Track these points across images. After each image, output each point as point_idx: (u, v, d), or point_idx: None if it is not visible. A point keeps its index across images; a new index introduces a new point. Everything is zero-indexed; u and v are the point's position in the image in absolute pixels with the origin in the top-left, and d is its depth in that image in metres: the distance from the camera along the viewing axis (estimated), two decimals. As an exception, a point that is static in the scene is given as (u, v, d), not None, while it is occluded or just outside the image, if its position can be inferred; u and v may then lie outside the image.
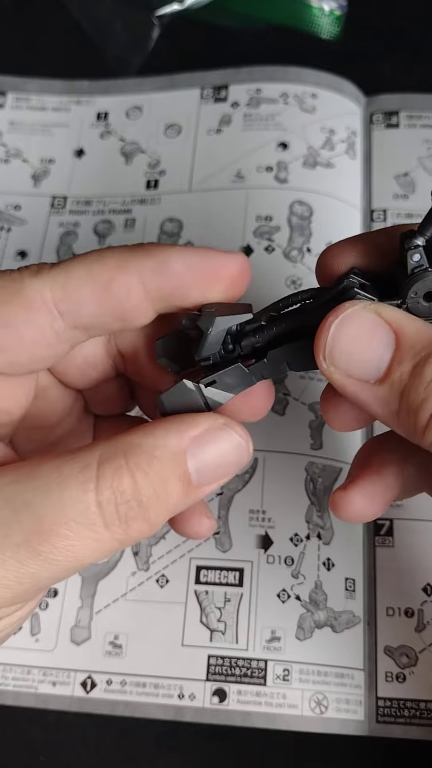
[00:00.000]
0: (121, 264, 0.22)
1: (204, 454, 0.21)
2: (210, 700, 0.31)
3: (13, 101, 0.45)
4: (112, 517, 0.20)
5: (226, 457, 0.21)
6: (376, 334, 0.20)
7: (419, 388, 0.20)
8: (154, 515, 0.20)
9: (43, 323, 0.22)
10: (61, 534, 0.19)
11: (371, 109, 0.43)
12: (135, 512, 0.20)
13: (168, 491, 0.20)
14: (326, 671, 0.31)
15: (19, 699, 0.32)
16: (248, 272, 0.23)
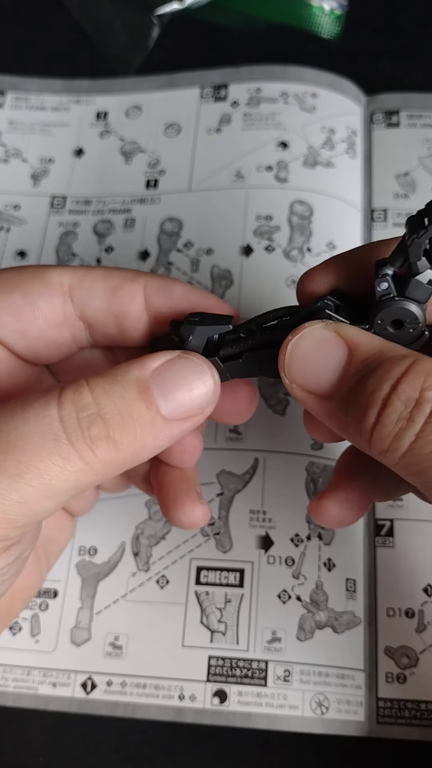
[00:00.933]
0: (133, 276, 0.25)
1: (169, 384, 0.22)
2: (210, 701, 0.31)
3: (13, 101, 0.45)
4: (74, 429, 0.20)
5: (191, 385, 0.22)
6: (330, 350, 0.21)
7: (361, 399, 0.20)
8: (118, 434, 0.20)
9: (56, 302, 0.25)
10: (26, 449, 0.19)
11: (371, 109, 0.43)
12: (98, 428, 0.20)
13: (133, 413, 0.21)
14: (327, 672, 0.31)
15: (20, 700, 0.32)
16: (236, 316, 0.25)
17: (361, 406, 0.20)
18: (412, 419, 0.19)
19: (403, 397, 0.19)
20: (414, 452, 0.19)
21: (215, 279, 0.39)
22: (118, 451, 0.21)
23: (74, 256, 0.40)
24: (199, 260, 0.39)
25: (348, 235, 0.39)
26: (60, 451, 0.20)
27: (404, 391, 0.19)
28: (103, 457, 0.20)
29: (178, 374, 0.22)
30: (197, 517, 0.27)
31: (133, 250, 0.40)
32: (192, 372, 0.22)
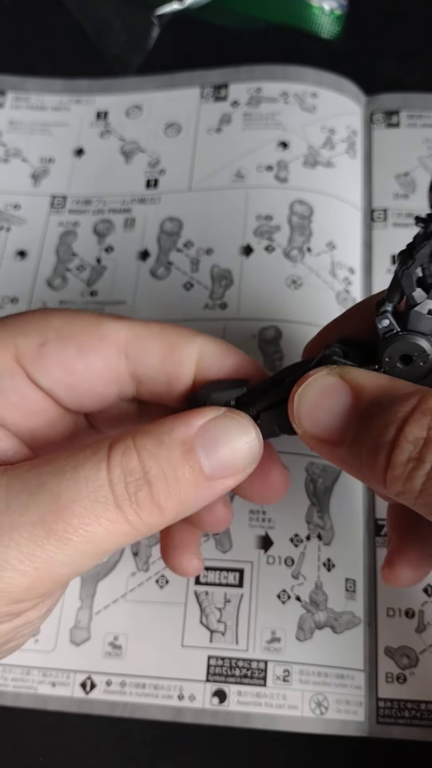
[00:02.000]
0: (190, 337, 0.25)
1: (212, 442, 0.22)
2: (210, 701, 0.31)
3: (13, 100, 0.45)
4: (122, 494, 0.20)
5: (235, 444, 0.22)
6: (334, 395, 0.21)
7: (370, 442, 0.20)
8: (163, 498, 0.21)
9: (110, 358, 0.24)
10: (76, 511, 0.20)
11: (372, 109, 0.43)
12: (144, 492, 0.20)
13: (177, 476, 0.21)
14: (326, 672, 0.31)
15: (19, 700, 0.32)
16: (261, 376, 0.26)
17: (372, 449, 0.20)
18: (422, 459, 0.19)
19: (411, 438, 0.19)
20: (428, 491, 0.19)
21: (215, 279, 0.39)
22: (162, 515, 0.21)
23: (74, 255, 0.40)
24: (199, 260, 0.39)
25: (348, 235, 0.39)
26: (109, 515, 0.20)
27: (411, 432, 0.19)
28: (148, 521, 0.21)
29: (223, 433, 0.22)
30: (194, 568, 0.28)
31: (133, 250, 0.40)
32: (236, 430, 0.22)
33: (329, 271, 0.38)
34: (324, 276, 0.38)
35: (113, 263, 0.40)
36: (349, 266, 0.38)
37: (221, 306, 0.38)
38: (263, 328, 0.37)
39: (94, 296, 0.39)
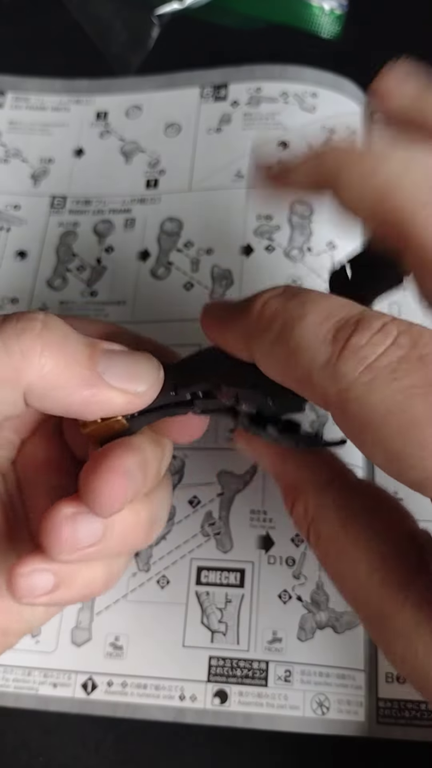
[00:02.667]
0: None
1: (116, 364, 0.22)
2: (211, 701, 0.31)
3: (12, 101, 0.45)
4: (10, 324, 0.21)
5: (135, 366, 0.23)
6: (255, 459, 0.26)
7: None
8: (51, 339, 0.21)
9: None
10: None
11: (372, 108, 0.43)
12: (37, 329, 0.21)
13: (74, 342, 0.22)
14: (328, 672, 0.31)
15: (20, 701, 0.32)
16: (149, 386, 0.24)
17: None
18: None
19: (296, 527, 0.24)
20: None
21: (215, 279, 0.39)
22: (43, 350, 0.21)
23: (74, 256, 0.40)
24: (200, 260, 0.39)
25: (348, 234, 0.39)
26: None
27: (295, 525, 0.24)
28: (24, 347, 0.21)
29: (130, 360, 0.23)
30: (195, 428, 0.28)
31: (134, 250, 0.40)
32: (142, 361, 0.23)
33: (329, 271, 0.38)
34: (324, 276, 0.38)
35: (113, 263, 0.40)
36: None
37: (221, 306, 0.38)
38: (264, 329, 0.37)
39: (94, 296, 0.39)
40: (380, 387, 0.17)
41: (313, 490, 0.22)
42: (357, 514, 0.22)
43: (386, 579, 0.21)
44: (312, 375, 0.18)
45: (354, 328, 0.18)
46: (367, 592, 0.21)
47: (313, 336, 0.18)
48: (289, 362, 0.19)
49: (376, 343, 0.18)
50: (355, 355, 0.18)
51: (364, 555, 0.21)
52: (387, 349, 0.18)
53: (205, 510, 0.34)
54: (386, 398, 0.17)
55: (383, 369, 0.17)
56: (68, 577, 0.23)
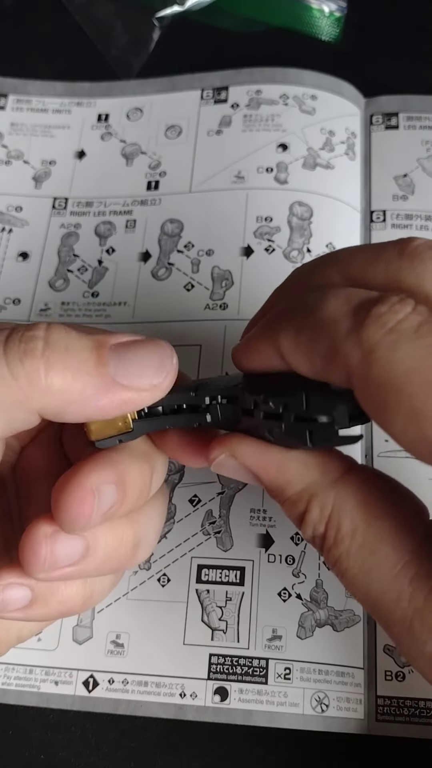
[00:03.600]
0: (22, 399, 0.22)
1: (126, 357, 0.22)
2: (211, 698, 0.31)
3: (14, 103, 0.46)
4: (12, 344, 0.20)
5: (147, 357, 0.22)
6: (243, 475, 0.23)
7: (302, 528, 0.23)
8: (53, 356, 0.20)
9: None
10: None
11: (371, 111, 0.43)
12: (34, 345, 0.20)
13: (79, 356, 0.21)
14: (327, 670, 0.31)
15: (22, 698, 0.32)
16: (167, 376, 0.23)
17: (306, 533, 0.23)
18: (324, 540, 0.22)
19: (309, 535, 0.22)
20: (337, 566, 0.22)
21: (215, 280, 0.39)
22: (46, 367, 0.20)
23: (76, 257, 0.41)
24: (200, 261, 0.39)
25: (347, 236, 0.40)
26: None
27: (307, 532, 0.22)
28: (30, 370, 0.20)
29: (137, 349, 0.22)
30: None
31: (135, 251, 0.40)
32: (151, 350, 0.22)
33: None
34: (324, 277, 0.38)
35: (114, 264, 0.40)
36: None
37: (222, 307, 0.38)
38: (263, 329, 0.37)
39: (95, 297, 0.40)
40: (403, 344, 0.17)
41: (328, 488, 0.22)
42: (378, 506, 0.21)
43: (419, 573, 0.20)
44: (337, 346, 0.18)
45: (374, 303, 0.19)
46: (397, 588, 0.20)
47: (336, 312, 0.19)
48: (314, 341, 0.19)
49: (397, 310, 0.18)
50: (377, 321, 0.18)
51: (391, 549, 0.20)
52: (408, 315, 0.18)
53: (206, 508, 0.34)
54: (409, 354, 0.17)
55: (406, 330, 0.18)
56: (45, 594, 0.23)
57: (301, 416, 0.21)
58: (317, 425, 0.21)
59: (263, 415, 0.22)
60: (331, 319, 0.19)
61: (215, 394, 0.23)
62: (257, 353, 0.22)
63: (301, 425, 0.21)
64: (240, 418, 0.23)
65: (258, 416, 0.22)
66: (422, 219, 0.40)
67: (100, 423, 0.23)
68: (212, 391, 0.23)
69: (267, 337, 0.21)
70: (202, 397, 0.23)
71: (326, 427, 0.21)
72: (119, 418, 0.23)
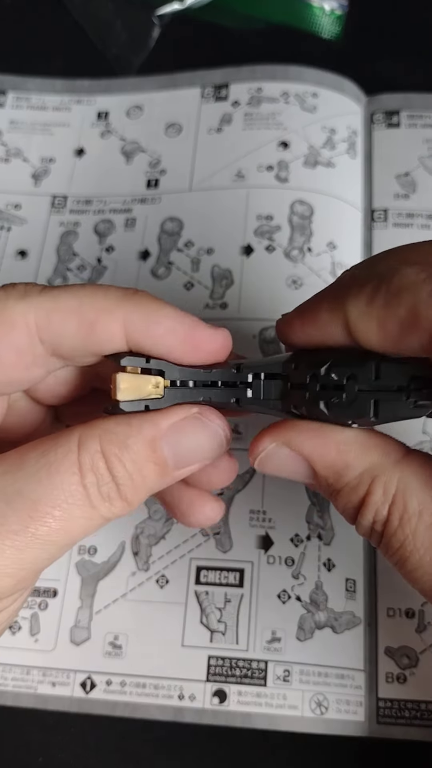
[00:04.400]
0: (111, 307, 0.22)
1: (179, 442, 0.22)
2: (210, 700, 0.31)
3: (14, 100, 0.45)
4: (96, 497, 0.21)
5: (202, 444, 0.23)
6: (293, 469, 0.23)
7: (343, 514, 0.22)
8: (131, 495, 0.22)
9: (23, 346, 0.22)
10: (56, 516, 0.21)
11: (372, 109, 0.43)
12: (115, 493, 0.21)
13: (143, 475, 0.22)
14: (327, 672, 0.31)
15: (19, 699, 0.32)
16: (229, 347, 0.23)
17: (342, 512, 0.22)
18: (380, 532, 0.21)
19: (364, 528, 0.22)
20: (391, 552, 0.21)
21: (216, 278, 0.39)
22: (131, 506, 0.22)
23: (75, 255, 0.40)
24: (200, 260, 0.39)
25: (348, 235, 0.39)
26: (85, 514, 0.21)
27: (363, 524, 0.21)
28: (119, 512, 0.22)
29: (191, 436, 0.22)
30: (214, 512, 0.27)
31: (134, 250, 0.40)
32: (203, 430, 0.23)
33: (330, 272, 0.38)
34: (324, 276, 0.38)
35: (114, 263, 0.40)
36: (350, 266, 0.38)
37: (222, 306, 0.38)
38: (264, 328, 0.37)
39: (94, 296, 0.39)
40: None
41: (391, 468, 0.21)
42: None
43: None
44: (418, 310, 0.18)
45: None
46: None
47: (415, 276, 0.18)
48: (391, 306, 0.19)
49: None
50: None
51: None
52: None
53: (205, 509, 0.34)
54: None
55: None
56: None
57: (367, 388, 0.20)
58: (385, 395, 0.20)
59: (319, 387, 0.21)
60: (410, 283, 0.18)
61: (259, 370, 0.23)
62: (315, 323, 0.21)
63: (366, 395, 0.20)
64: (288, 392, 0.22)
65: (314, 389, 0.21)
66: (424, 218, 0.40)
67: (132, 382, 0.22)
68: (256, 367, 0.23)
69: (330, 304, 0.20)
70: (245, 374, 0.23)
71: (395, 397, 0.20)
72: (151, 381, 0.22)
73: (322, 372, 0.21)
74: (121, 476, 0.21)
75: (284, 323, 0.23)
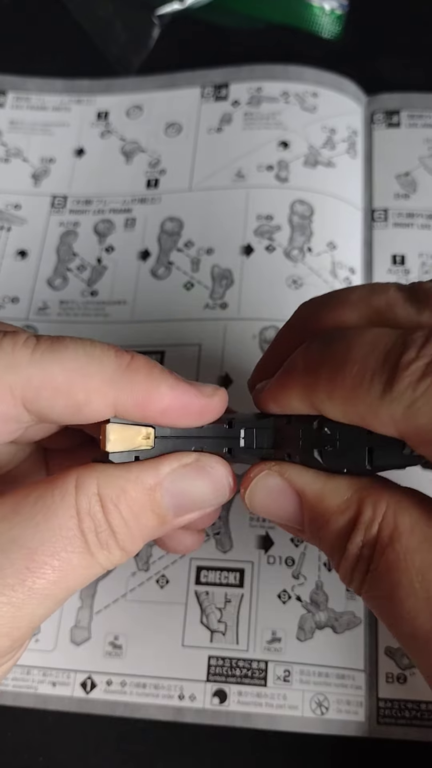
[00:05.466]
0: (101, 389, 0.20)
1: (181, 490, 0.21)
2: (210, 701, 0.31)
3: (14, 100, 0.45)
4: (94, 544, 0.20)
5: (204, 492, 0.22)
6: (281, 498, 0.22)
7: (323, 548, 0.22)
8: (128, 544, 0.21)
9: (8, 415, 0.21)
10: (55, 566, 0.20)
11: (372, 109, 0.43)
12: (112, 540, 0.21)
13: (141, 523, 0.21)
14: (327, 672, 0.31)
15: (19, 699, 0.32)
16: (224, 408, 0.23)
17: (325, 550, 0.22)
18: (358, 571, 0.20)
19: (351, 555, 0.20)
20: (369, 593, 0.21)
21: (216, 278, 0.39)
22: (128, 555, 0.22)
23: (75, 255, 0.40)
24: (200, 260, 0.39)
25: (349, 235, 0.39)
26: (84, 562, 0.20)
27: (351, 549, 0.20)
28: (117, 561, 0.21)
29: (190, 481, 0.22)
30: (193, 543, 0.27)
31: (134, 250, 0.40)
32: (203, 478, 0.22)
33: (330, 271, 0.38)
34: (324, 276, 0.38)
35: (114, 263, 0.40)
36: (350, 266, 0.38)
37: (222, 306, 0.38)
38: (264, 328, 0.37)
39: (94, 296, 0.39)
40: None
41: (380, 490, 0.21)
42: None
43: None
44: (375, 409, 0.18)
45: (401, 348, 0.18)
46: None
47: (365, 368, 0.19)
48: (351, 404, 0.19)
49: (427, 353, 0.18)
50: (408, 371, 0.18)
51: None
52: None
53: (205, 509, 0.34)
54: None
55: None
56: None
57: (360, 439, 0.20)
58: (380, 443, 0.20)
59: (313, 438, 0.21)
60: (362, 380, 0.19)
61: (251, 426, 0.23)
62: (288, 407, 0.22)
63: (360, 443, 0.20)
64: (281, 442, 0.22)
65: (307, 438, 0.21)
66: (424, 218, 0.40)
67: (121, 433, 0.21)
68: (248, 422, 0.23)
69: (297, 392, 0.21)
70: (237, 429, 0.23)
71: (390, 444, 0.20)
72: (141, 432, 0.22)
73: (315, 426, 0.21)
74: (117, 524, 0.21)
75: (260, 400, 0.23)
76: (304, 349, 0.21)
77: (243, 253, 0.39)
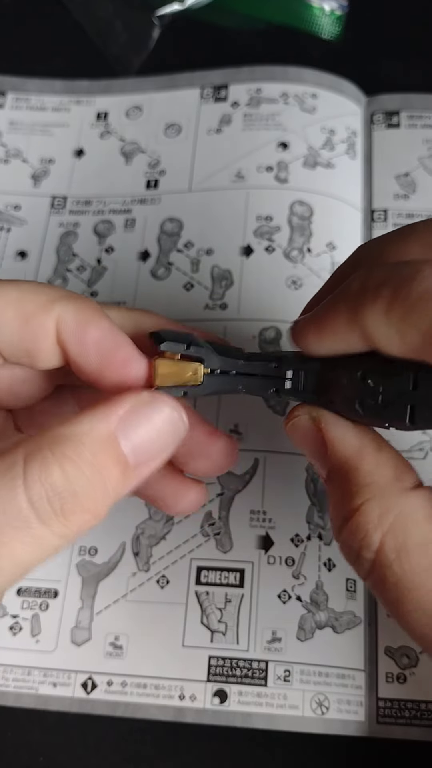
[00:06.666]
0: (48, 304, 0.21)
1: (136, 433, 0.20)
2: (211, 701, 0.31)
3: (13, 101, 0.45)
4: (46, 512, 0.18)
5: (160, 431, 0.21)
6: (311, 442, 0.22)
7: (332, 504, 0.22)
8: (93, 504, 0.19)
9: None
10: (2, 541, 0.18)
11: (372, 109, 0.43)
12: (71, 504, 0.19)
13: (104, 477, 0.19)
14: (327, 672, 0.31)
15: (20, 700, 0.32)
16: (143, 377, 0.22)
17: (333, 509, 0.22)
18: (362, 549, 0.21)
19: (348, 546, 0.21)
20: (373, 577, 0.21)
21: (215, 279, 0.39)
22: (96, 518, 0.20)
23: (75, 256, 0.41)
24: (200, 260, 0.39)
25: (348, 235, 0.39)
26: (33, 534, 0.18)
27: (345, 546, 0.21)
28: (79, 528, 0.19)
29: (147, 425, 0.20)
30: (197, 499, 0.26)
31: (134, 251, 0.40)
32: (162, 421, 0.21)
33: (329, 272, 0.38)
34: (324, 277, 0.38)
35: (113, 264, 0.40)
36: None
37: (221, 306, 0.38)
38: (263, 329, 0.37)
39: (94, 297, 0.39)
40: None
41: (396, 492, 0.20)
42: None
43: None
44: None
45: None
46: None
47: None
48: (411, 315, 0.18)
49: None
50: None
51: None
52: None
53: (205, 510, 0.34)
54: None
55: None
56: None
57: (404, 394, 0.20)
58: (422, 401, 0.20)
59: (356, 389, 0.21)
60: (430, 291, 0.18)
61: (298, 367, 0.23)
62: (333, 333, 0.21)
63: (402, 399, 0.20)
64: (325, 388, 0.22)
65: (350, 389, 0.21)
66: (424, 218, 0.39)
67: (170, 368, 0.21)
68: (295, 363, 0.23)
69: (346, 314, 0.20)
70: (284, 370, 0.23)
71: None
72: (190, 367, 0.22)
73: (359, 377, 0.21)
74: (79, 482, 0.19)
75: (299, 333, 0.22)
76: (362, 272, 0.20)
77: (243, 254, 0.39)
